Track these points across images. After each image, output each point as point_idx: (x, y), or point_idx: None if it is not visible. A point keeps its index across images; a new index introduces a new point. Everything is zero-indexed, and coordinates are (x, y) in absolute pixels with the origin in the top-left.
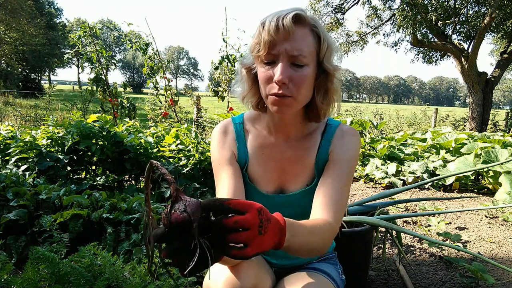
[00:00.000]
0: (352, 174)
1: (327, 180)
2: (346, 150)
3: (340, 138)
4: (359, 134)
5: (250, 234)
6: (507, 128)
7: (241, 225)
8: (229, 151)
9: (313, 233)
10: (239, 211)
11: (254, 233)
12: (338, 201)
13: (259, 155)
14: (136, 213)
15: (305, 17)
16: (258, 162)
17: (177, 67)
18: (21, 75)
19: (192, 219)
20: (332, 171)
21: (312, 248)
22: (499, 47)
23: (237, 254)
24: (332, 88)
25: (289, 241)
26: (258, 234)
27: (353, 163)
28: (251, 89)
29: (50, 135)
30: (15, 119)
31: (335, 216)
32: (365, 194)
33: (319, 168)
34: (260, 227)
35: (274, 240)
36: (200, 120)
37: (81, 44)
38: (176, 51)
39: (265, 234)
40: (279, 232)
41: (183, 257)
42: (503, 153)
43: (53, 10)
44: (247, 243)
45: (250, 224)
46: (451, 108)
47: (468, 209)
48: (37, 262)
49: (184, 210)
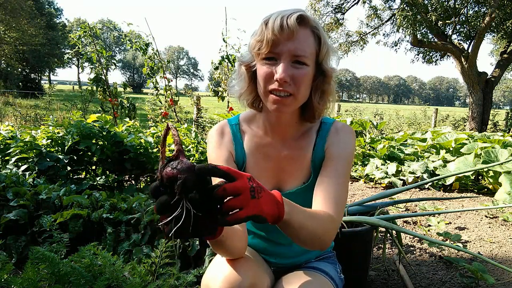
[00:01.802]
0: (349, 169)
1: (325, 177)
2: (341, 147)
3: (335, 135)
4: (353, 131)
5: (243, 198)
6: (507, 128)
7: (231, 191)
8: (226, 152)
9: (314, 218)
10: (230, 177)
11: (246, 197)
12: (337, 196)
13: (256, 155)
14: (136, 213)
15: (308, 18)
16: (255, 162)
17: (177, 67)
18: (21, 75)
19: (178, 177)
20: (329, 168)
21: (312, 234)
22: (499, 47)
23: (231, 219)
24: (329, 90)
25: (289, 214)
26: (250, 198)
27: (350, 159)
28: (248, 87)
29: (50, 135)
30: (15, 119)
31: (336, 210)
32: (365, 194)
33: (315, 165)
34: (252, 191)
35: (273, 210)
36: (200, 120)
37: (81, 44)
38: (176, 51)
39: (260, 198)
40: (276, 204)
41: (168, 216)
42: (503, 153)
43: (53, 10)
44: (242, 207)
45: (240, 190)
46: (451, 108)
47: (468, 209)
48: (37, 262)
49: (175, 167)
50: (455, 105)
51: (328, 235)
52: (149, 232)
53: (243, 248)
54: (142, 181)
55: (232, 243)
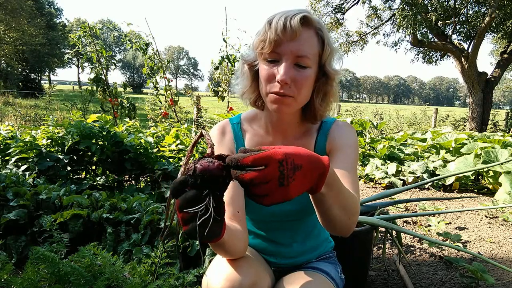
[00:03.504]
0: (357, 158)
1: (338, 165)
2: (345, 138)
3: (337, 130)
4: (355, 129)
5: (270, 187)
6: (507, 128)
7: (259, 180)
8: (227, 150)
9: (347, 192)
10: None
11: (274, 185)
12: (352, 178)
13: None
14: (136, 213)
15: (312, 19)
16: None
17: (177, 67)
18: (21, 75)
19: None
20: (337, 157)
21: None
22: (499, 47)
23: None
24: (331, 92)
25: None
26: (278, 186)
27: (355, 148)
28: (251, 85)
29: (50, 135)
30: (15, 119)
31: (355, 191)
32: (365, 194)
33: None
34: (282, 179)
35: (307, 185)
36: (200, 120)
37: (81, 44)
38: (176, 51)
39: (289, 185)
40: (317, 177)
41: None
42: (503, 153)
43: (53, 10)
44: (267, 194)
45: (268, 179)
46: (451, 108)
47: (468, 209)
48: (37, 262)
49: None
50: (455, 105)
51: (355, 217)
52: (149, 232)
53: (243, 248)
54: (142, 181)
55: (233, 243)
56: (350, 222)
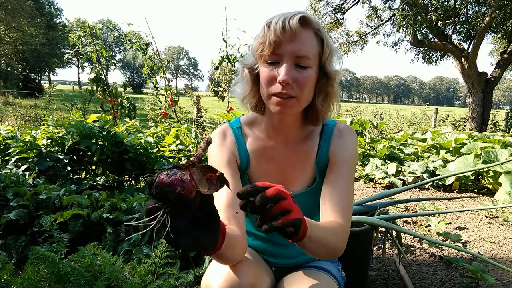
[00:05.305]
0: (354, 172)
1: (331, 183)
2: (345, 150)
3: (339, 137)
4: (355, 132)
5: (289, 202)
6: (507, 128)
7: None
8: (229, 153)
9: (328, 230)
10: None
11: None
12: (344, 202)
13: (259, 159)
14: (136, 213)
15: (310, 20)
16: (258, 166)
17: (177, 67)
18: (21, 75)
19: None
20: (334, 174)
21: (328, 246)
22: (499, 47)
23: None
24: (333, 92)
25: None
26: (294, 201)
27: (353, 162)
28: (251, 90)
29: (50, 135)
30: (15, 119)
31: (344, 218)
32: (365, 194)
33: (320, 169)
34: (293, 197)
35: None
36: (200, 120)
37: (81, 44)
38: (176, 51)
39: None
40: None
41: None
42: (503, 153)
43: (53, 10)
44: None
45: (284, 194)
46: (451, 108)
47: (468, 209)
48: (37, 262)
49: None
50: (455, 105)
51: (342, 244)
52: (149, 232)
53: (241, 255)
54: (142, 181)
55: (232, 253)
56: (336, 252)
